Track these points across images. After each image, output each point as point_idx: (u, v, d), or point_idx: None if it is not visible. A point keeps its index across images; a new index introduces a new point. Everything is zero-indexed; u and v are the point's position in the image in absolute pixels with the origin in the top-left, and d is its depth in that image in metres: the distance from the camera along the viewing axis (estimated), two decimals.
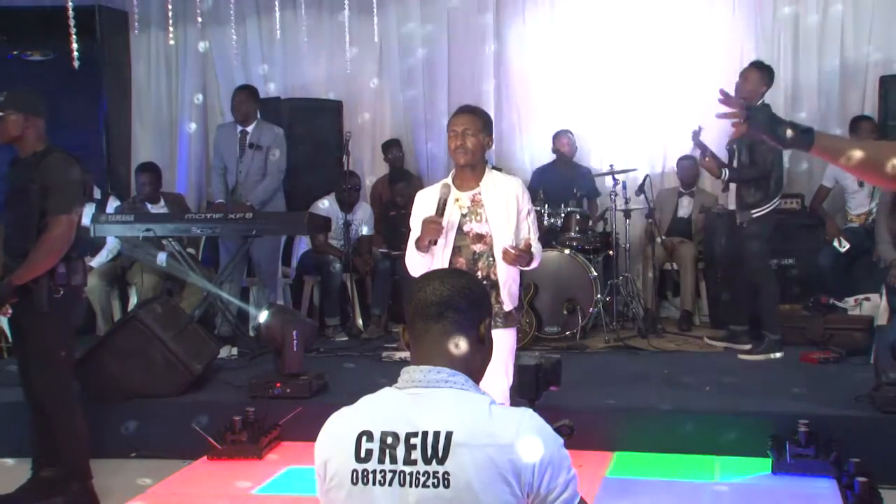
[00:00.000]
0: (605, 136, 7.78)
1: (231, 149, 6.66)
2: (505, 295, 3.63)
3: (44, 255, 3.90)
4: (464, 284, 1.89)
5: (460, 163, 3.62)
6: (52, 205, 3.92)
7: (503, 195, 3.64)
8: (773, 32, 7.44)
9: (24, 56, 7.48)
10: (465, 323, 1.87)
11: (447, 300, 1.85)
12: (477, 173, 3.67)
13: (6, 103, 3.97)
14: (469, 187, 3.67)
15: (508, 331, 3.67)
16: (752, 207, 5.68)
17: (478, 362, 1.92)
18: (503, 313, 3.64)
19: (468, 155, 3.59)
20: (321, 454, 1.85)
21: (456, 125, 3.62)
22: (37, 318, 3.96)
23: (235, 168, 6.63)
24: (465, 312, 1.87)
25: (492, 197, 3.64)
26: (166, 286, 6.62)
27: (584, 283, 6.34)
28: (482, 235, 3.63)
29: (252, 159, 6.61)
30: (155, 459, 4.72)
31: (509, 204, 3.63)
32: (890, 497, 3.86)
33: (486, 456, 1.73)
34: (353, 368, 5.75)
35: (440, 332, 1.86)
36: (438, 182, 3.76)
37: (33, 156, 4.00)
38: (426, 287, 1.88)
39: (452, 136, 3.61)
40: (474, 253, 3.64)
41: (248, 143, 6.61)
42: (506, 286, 3.63)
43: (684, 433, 4.55)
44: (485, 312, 1.94)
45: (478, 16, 7.87)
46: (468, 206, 3.65)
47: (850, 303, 6.26)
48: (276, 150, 6.63)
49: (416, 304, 1.87)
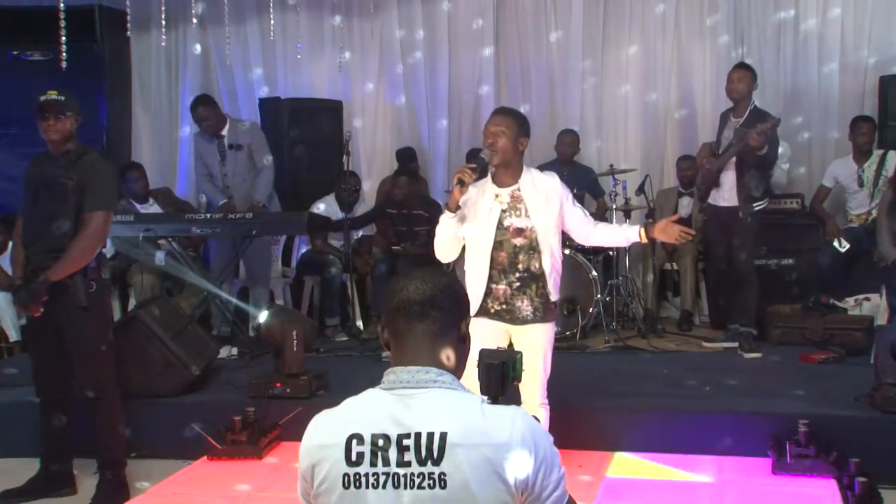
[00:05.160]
0: (605, 136, 7.79)
1: (212, 155, 6.57)
2: (550, 286, 3.75)
3: (82, 251, 4.02)
4: (446, 283, 1.88)
5: (494, 162, 3.73)
6: (91, 202, 4.05)
7: (543, 190, 3.77)
8: (773, 34, 7.45)
9: (24, 56, 7.48)
10: (448, 321, 1.86)
11: (431, 299, 1.84)
12: (514, 171, 3.78)
13: (68, 104, 4.10)
14: (508, 184, 3.78)
15: (548, 325, 3.80)
16: (755, 201, 5.75)
17: (460, 360, 1.91)
18: (544, 305, 3.76)
19: (500, 154, 3.70)
20: (308, 458, 1.83)
21: (490, 125, 3.76)
22: (77, 313, 4.01)
23: (220, 172, 6.57)
24: (448, 311, 1.86)
25: (531, 192, 3.76)
26: (165, 286, 6.62)
27: (584, 284, 6.33)
28: (522, 229, 3.73)
29: (235, 160, 6.55)
30: (155, 459, 4.73)
31: (550, 198, 3.76)
32: (890, 497, 3.86)
33: (481, 455, 1.72)
34: (353, 368, 5.74)
35: (424, 331, 1.84)
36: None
37: (66, 154, 4.07)
38: (408, 286, 1.86)
39: (486, 135, 3.74)
40: (515, 246, 3.73)
41: (228, 145, 6.54)
42: (550, 277, 3.74)
43: (684, 433, 4.55)
44: (465, 310, 1.94)
45: (477, 17, 7.87)
46: (508, 201, 3.76)
47: (850, 303, 6.26)
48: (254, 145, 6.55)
49: (399, 302, 1.85)
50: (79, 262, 4.02)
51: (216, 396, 5.16)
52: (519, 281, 3.73)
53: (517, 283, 3.73)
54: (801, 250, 6.70)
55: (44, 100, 4.07)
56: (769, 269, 6.59)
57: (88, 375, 4.16)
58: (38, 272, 4.03)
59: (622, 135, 7.81)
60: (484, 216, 3.74)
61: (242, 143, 6.56)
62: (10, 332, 6.52)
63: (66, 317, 4.07)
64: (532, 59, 7.86)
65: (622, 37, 7.73)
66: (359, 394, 1.87)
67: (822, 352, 5.76)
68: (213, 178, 6.64)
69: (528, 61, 7.88)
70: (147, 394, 4.94)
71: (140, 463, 4.63)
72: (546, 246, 3.73)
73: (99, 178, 4.11)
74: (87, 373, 4.16)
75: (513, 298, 3.74)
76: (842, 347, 5.74)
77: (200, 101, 6.60)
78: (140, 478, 4.46)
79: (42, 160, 4.19)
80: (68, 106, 4.10)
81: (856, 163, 6.64)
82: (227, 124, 6.59)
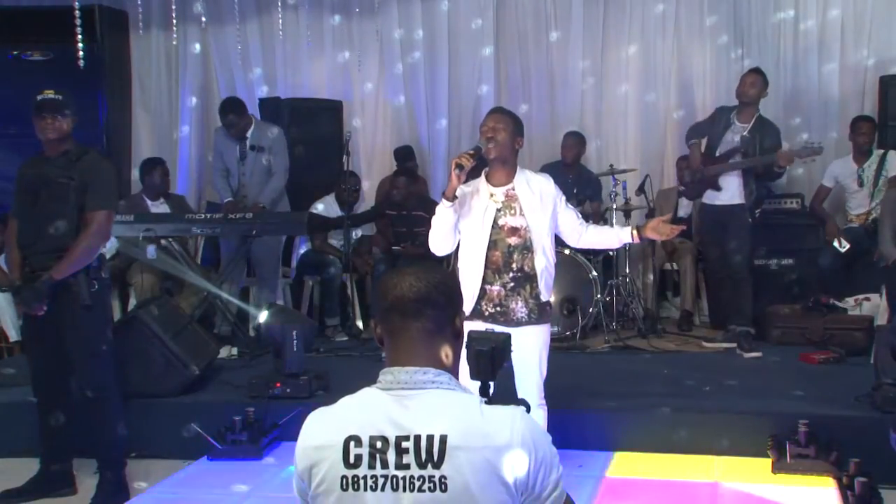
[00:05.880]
0: (604, 136, 7.78)
1: (231, 153, 6.66)
2: (542, 286, 3.75)
3: (85, 250, 4.03)
4: (439, 280, 1.86)
5: (491, 156, 3.73)
6: (94, 201, 4.06)
7: (537, 190, 3.78)
8: (772, 34, 7.44)
9: (24, 56, 7.47)
10: (443, 319, 1.85)
11: (426, 297, 1.82)
12: (509, 170, 3.79)
13: (66, 104, 4.10)
14: (502, 183, 3.78)
15: (543, 326, 3.80)
16: (760, 203, 5.80)
17: (456, 356, 1.90)
18: (539, 306, 3.76)
19: (498, 147, 3.71)
20: (305, 460, 1.81)
21: (488, 122, 3.77)
22: (79, 312, 4.02)
23: (238, 171, 6.64)
24: (443, 309, 1.85)
25: (526, 191, 3.76)
26: (166, 286, 6.62)
27: (584, 284, 6.33)
28: (517, 229, 3.74)
29: (255, 161, 6.62)
30: (155, 459, 4.73)
31: (544, 197, 3.77)
32: (890, 497, 3.86)
33: (482, 458, 1.71)
34: (353, 368, 5.74)
35: (420, 330, 1.82)
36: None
37: (64, 154, 4.07)
38: (401, 283, 1.84)
39: (484, 131, 3.75)
40: (509, 246, 3.74)
41: (249, 146, 6.61)
42: (542, 278, 3.74)
43: (684, 433, 4.55)
44: (459, 306, 1.93)
45: (477, 17, 7.86)
46: (502, 200, 3.76)
47: (850, 303, 6.26)
48: (276, 150, 6.64)
49: (394, 300, 1.83)
50: (82, 261, 4.03)
51: (216, 396, 5.15)
52: (513, 281, 3.73)
53: (511, 284, 3.73)
54: (801, 250, 6.70)
55: (41, 99, 4.07)
56: (769, 269, 6.59)
57: (88, 375, 4.16)
58: (38, 273, 4.02)
59: (622, 135, 7.80)
60: (479, 215, 3.74)
61: (265, 145, 6.61)
62: (10, 332, 6.52)
63: (68, 316, 4.07)
64: (532, 59, 7.86)
65: (622, 37, 7.72)
66: (355, 393, 1.85)
67: (822, 352, 5.76)
68: (230, 175, 6.69)
69: (528, 61, 7.87)
70: (147, 394, 4.94)
71: (140, 463, 4.62)
72: (539, 246, 3.73)
73: (101, 178, 4.12)
74: (87, 372, 4.16)
75: (507, 300, 3.73)
76: (842, 347, 5.74)
77: (231, 109, 6.63)
78: (140, 478, 4.46)
79: (37, 161, 4.17)
80: (66, 105, 4.09)
81: (856, 163, 6.64)
82: (252, 126, 6.64)
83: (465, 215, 3.75)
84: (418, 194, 7.29)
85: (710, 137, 6.04)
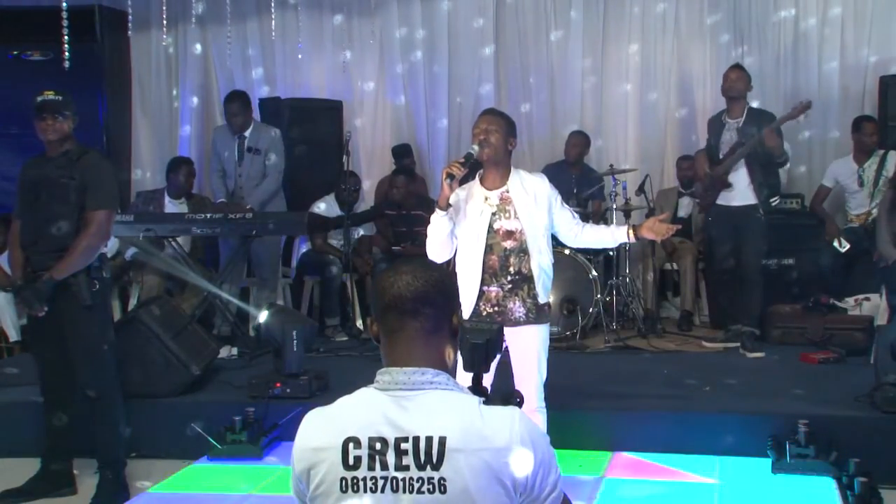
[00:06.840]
0: (605, 135, 7.78)
1: (230, 153, 6.67)
2: (539, 288, 3.73)
3: (85, 250, 4.04)
4: (437, 278, 1.84)
5: (484, 157, 3.71)
6: (94, 201, 4.06)
7: (531, 191, 3.75)
8: (773, 33, 7.44)
9: (24, 56, 7.48)
10: (441, 317, 1.83)
11: (423, 295, 1.80)
12: (503, 172, 3.77)
13: (66, 104, 4.10)
14: (497, 186, 3.76)
15: (541, 326, 3.78)
16: (772, 196, 5.82)
17: (453, 356, 1.88)
18: (537, 307, 3.74)
19: (491, 149, 3.69)
20: (303, 461, 1.80)
21: (480, 124, 3.75)
22: (80, 312, 4.02)
23: (234, 172, 6.65)
24: (441, 307, 1.83)
25: (520, 193, 3.74)
26: (166, 286, 6.62)
27: (584, 283, 6.33)
28: (512, 232, 3.72)
29: (251, 163, 6.64)
30: (155, 459, 4.73)
31: (538, 198, 3.74)
32: (890, 497, 3.86)
33: (481, 460, 1.71)
34: (353, 368, 5.74)
35: (417, 329, 1.81)
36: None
37: (65, 154, 4.07)
38: (398, 281, 1.82)
39: (477, 133, 3.72)
40: (505, 249, 3.72)
41: (247, 148, 6.62)
42: (539, 280, 3.73)
43: (684, 433, 4.55)
44: (457, 304, 1.92)
45: (477, 17, 7.86)
46: (497, 203, 3.74)
47: (850, 303, 6.26)
48: (272, 152, 6.65)
49: (391, 299, 1.81)
50: (82, 260, 4.03)
51: (216, 396, 5.15)
52: (511, 283, 3.72)
53: (509, 286, 3.72)
54: (801, 250, 6.69)
55: (41, 100, 4.07)
56: (769, 269, 6.57)
57: (89, 375, 4.16)
58: (40, 273, 4.03)
59: (622, 134, 7.80)
60: (474, 220, 3.72)
61: (262, 147, 6.63)
62: (11, 332, 6.52)
63: (69, 316, 4.08)
64: (532, 58, 7.86)
65: (622, 36, 7.72)
66: (352, 393, 1.84)
67: (822, 352, 5.76)
68: (226, 176, 6.69)
69: (528, 61, 7.87)
70: (147, 394, 4.94)
71: (140, 463, 4.62)
72: (535, 248, 3.71)
73: (101, 178, 4.13)
74: (88, 372, 4.16)
75: (505, 300, 3.73)
76: (842, 347, 5.74)
77: (237, 98, 6.71)
78: (140, 478, 4.46)
79: (39, 162, 4.18)
80: (66, 106, 4.09)
81: (856, 162, 6.64)
82: (251, 126, 6.65)
83: (461, 221, 3.73)
84: (418, 194, 7.28)
85: (711, 147, 6.05)
